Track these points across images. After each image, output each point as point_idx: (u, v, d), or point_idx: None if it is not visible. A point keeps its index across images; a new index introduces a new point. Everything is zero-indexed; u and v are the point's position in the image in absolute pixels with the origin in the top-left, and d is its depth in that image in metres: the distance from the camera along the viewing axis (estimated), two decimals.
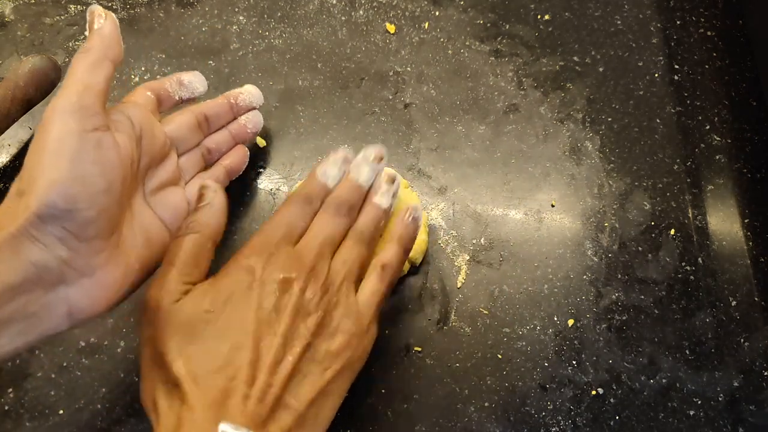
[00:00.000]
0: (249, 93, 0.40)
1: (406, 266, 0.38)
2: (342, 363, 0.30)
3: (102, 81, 0.28)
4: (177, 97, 0.36)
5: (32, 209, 0.25)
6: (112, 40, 0.30)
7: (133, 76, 0.44)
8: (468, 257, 0.40)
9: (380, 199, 0.35)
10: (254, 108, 0.40)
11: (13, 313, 0.25)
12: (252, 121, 0.40)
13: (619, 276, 0.39)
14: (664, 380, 0.37)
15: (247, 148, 0.40)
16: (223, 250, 0.39)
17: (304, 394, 0.28)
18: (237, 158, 0.40)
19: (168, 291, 0.29)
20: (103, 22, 0.30)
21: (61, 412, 0.35)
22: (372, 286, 0.33)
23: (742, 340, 0.38)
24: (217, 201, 0.32)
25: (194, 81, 0.37)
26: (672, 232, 0.41)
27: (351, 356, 0.30)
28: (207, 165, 0.38)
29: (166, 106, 0.36)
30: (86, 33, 0.30)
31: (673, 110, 0.45)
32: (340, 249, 0.33)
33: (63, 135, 0.26)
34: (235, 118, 0.40)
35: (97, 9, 0.30)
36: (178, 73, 0.37)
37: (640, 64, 0.46)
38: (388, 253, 0.34)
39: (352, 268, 0.33)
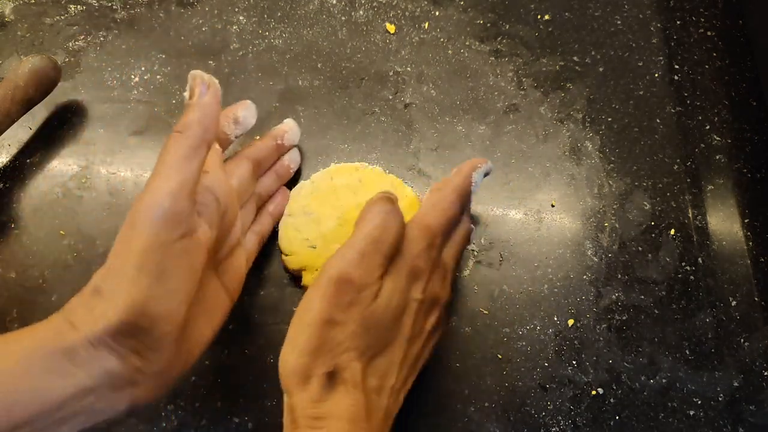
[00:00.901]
0: (292, 131, 0.39)
1: None
2: (440, 333, 0.33)
3: (197, 172, 0.26)
4: (233, 138, 0.34)
5: (111, 322, 0.24)
6: (212, 120, 0.27)
7: (133, 76, 0.44)
8: (468, 257, 0.40)
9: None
10: (295, 146, 0.40)
11: (81, 409, 0.25)
12: (294, 160, 0.40)
13: (619, 276, 0.39)
14: (664, 380, 0.37)
15: (288, 190, 0.39)
16: None
17: (416, 369, 0.31)
18: (281, 203, 0.39)
19: (369, 283, 0.28)
20: (205, 93, 0.27)
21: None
22: (455, 246, 0.33)
23: (742, 340, 0.38)
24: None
25: (248, 115, 0.35)
26: (672, 232, 0.41)
27: (429, 358, 0.33)
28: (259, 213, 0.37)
29: (224, 149, 0.34)
30: (186, 95, 0.27)
31: (673, 110, 0.45)
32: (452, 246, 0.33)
33: (150, 247, 0.25)
34: (278, 158, 0.39)
35: (200, 75, 0.27)
36: (231, 109, 0.34)
37: (640, 64, 0.46)
38: (462, 226, 0.34)
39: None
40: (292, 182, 0.42)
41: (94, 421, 0.26)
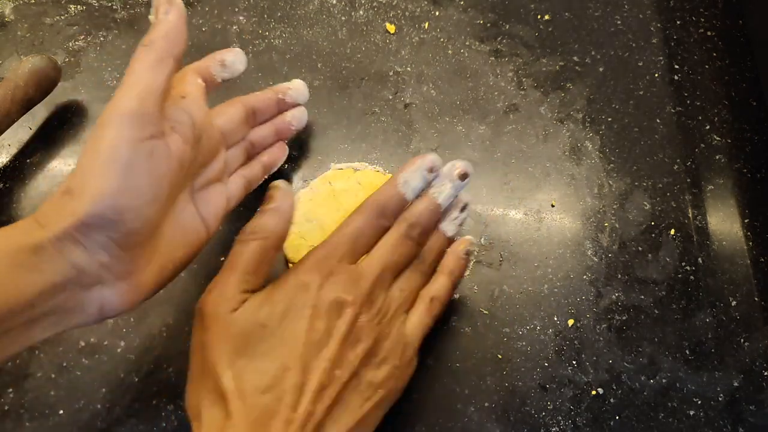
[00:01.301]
0: (297, 90, 0.39)
1: None
2: (382, 395, 0.30)
3: (164, 81, 0.27)
4: (219, 80, 0.35)
5: (79, 215, 0.25)
6: (178, 34, 0.28)
7: None
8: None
9: (448, 226, 0.34)
10: (299, 105, 0.40)
11: (52, 307, 0.25)
12: (297, 117, 0.39)
13: (619, 276, 0.39)
14: (664, 380, 0.37)
15: (286, 146, 0.40)
16: (223, 249, 0.39)
17: (343, 424, 0.28)
18: (276, 155, 0.39)
19: (226, 298, 0.29)
20: (169, 11, 0.28)
21: (61, 412, 0.35)
22: (420, 318, 0.33)
23: (742, 340, 0.38)
24: (285, 206, 0.31)
25: (236, 61, 0.35)
26: (672, 232, 0.41)
27: (392, 388, 0.30)
28: (248, 158, 0.37)
29: (209, 89, 0.34)
30: (151, 18, 0.28)
31: (673, 110, 0.45)
32: (401, 276, 0.32)
33: (118, 142, 0.25)
34: (279, 113, 0.39)
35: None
36: (219, 53, 0.35)
37: (640, 64, 0.46)
38: (438, 285, 0.34)
39: (408, 298, 0.32)
40: (273, 178, 0.42)
41: (66, 325, 0.27)
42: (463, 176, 0.33)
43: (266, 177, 0.39)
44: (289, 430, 0.27)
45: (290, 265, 0.38)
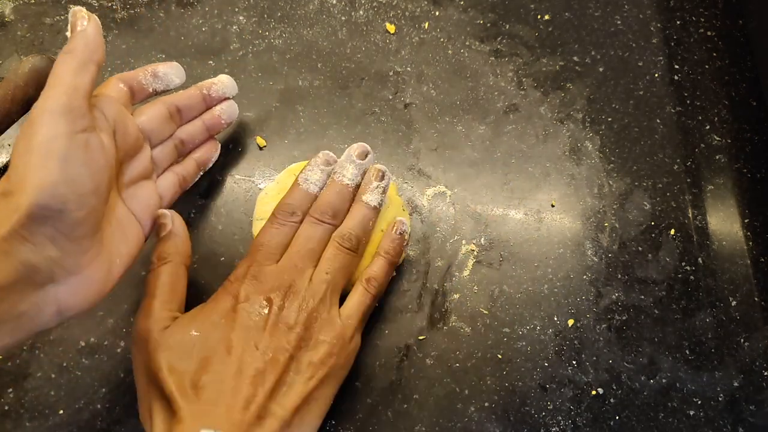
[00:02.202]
0: (222, 83, 0.39)
1: None
2: (325, 371, 0.32)
3: (88, 83, 0.28)
4: (151, 89, 0.35)
5: (23, 210, 0.25)
6: (96, 43, 0.29)
7: None
8: (468, 257, 0.40)
9: (369, 197, 0.36)
10: (228, 98, 0.40)
11: (3, 313, 0.25)
12: (226, 111, 0.39)
13: (619, 276, 0.39)
14: (664, 380, 0.37)
15: (218, 142, 0.40)
16: (225, 250, 0.39)
17: (288, 402, 0.30)
18: (207, 151, 0.39)
19: (155, 320, 0.31)
20: (86, 24, 0.29)
21: (61, 412, 0.35)
22: (357, 298, 0.35)
23: (742, 340, 0.38)
24: (178, 228, 0.34)
25: (170, 73, 0.36)
26: (672, 232, 0.41)
27: (334, 365, 0.32)
28: (180, 156, 0.38)
29: (139, 98, 0.35)
30: (68, 34, 0.29)
31: (673, 110, 0.45)
32: (323, 258, 0.34)
33: (52, 137, 0.26)
34: (208, 109, 0.39)
35: (80, 11, 0.30)
36: (154, 64, 0.36)
37: (640, 64, 0.46)
38: (374, 266, 0.36)
39: (336, 279, 0.34)
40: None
41: (27, 331, 0.27)
42: (362, 155, 0.36)
43: (201, 173, 0.39)
44: (232, 413, 0.28)
45: None
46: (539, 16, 0.48)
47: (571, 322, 0.38)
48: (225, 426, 0.28)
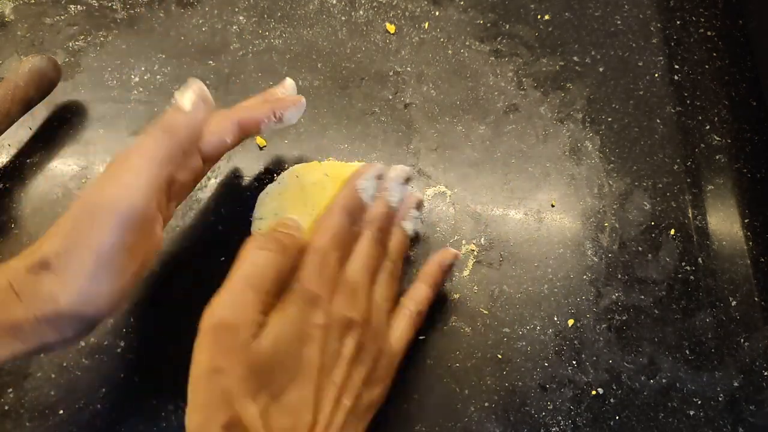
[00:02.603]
0: (285, 87, 0.38)
1: None
2: (372, 413, 0.30)
3: (169, 175, 0.27)
4: (263, 129, 0.34)
5: (61, 309, 0.25)
6: (199, 133, 0.28)
7: (133, 76, 0.44)
8: (468, 257, 0.40)
9: (408, 224, 0.36)
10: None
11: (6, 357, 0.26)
12: (291, 113, 0.36)
13: (619, 276, 0.39)
14: (664, 380, 0.37)
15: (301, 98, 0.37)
16: (225, 250, 0.39)
17: None
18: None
19: (246, 322, 0.27)
20: (202, 107, 0.27)
21: (61, 412, 0.35)
22: (404, 333, 0.32)
23: (742, 340, 0.38)
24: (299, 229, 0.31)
25: (293, 117, 0.34)
26: (672, 232, 0.41)
27: (378, 405, 0.31)
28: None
29: (247, 135, 0.34)
30: (177, 100, 0.27)
31: (673, 110, 0.45)
32: (378, 285, 0.32)
33: (114, 251, 0.25)
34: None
35: (202, 88, 0.28)
36: (284, 102, 0.34)
37: (640, 64, 0.46)
38: (422, 296, 0.34)
39: (390, 307, 0.33)
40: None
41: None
42: (408, 180, 0.36)
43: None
44: None
45: None
46: (539, 16, 0.48)
47: (571, 322, 0.38)
48: None
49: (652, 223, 0.41)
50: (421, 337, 0.37)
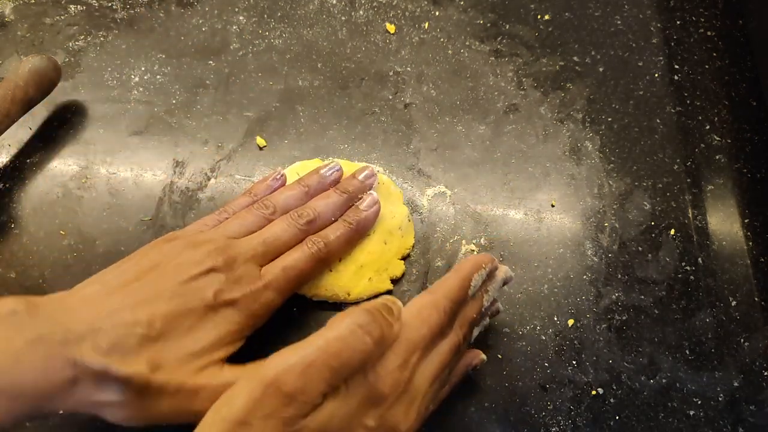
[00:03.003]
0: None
1: (387, 282, 0.38)
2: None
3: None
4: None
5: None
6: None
7: (133, 76, 0.44)
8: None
9: (477, 330, 0.34)
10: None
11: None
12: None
13: (619, 276, 0.39)
14: (664, 380, 0.37)
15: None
16: None
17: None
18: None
19: (305, 401, 0.24)
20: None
21: (61, 411, 0.35)
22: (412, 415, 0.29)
23: (742, 340, 0.38)
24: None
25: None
26: (672, 232, 0.41)
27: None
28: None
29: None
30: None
31: (673, 110, 0.45)
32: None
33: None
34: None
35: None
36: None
37: (640, 64, 0.46)
38: (444, 391, 0.32)
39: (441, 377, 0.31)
40: None
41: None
42: (507, 282, 0.34)
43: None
44: None
45: None
46: (539, 16, 0.48)
47: (571, 322, 0.38)
48: None
49: (652, 223, 0.41)
50: None
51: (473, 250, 0.40)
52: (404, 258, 0.39)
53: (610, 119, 0.44)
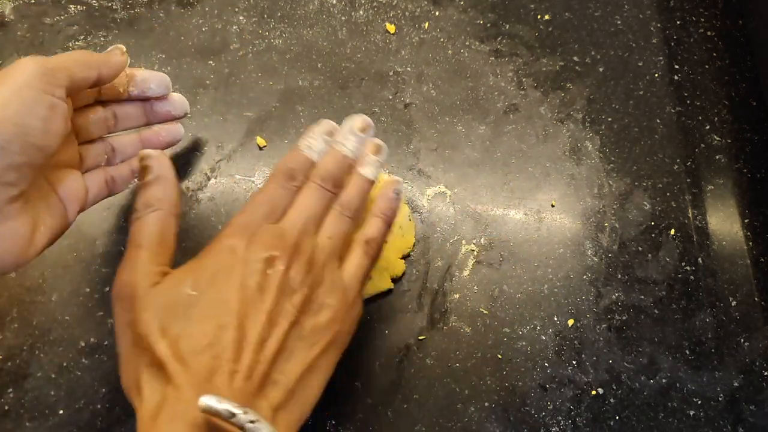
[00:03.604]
0: (172, 100, 0.38)
1: (388, 281, 0.38)
2: (329, 338, 0.30)
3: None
4: (121, 89, 0.34)
5: None
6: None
7: None
8: (468, 257, 0.40)
9: (366, 170, 0.34)
10: (175, 118, 0.38)
11: None
12: (168, 131, 0.38)
13: (619, 276, 0.39)
14: (664, 380, 0.37)
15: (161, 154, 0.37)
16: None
17: (291, 370, 0.28)
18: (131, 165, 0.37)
19: (143, 274, 0.29)
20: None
21: (61, 412, 0.35)
22: (357, 261, 0.33)
23: (742, 340, 0.38)
24: (165, 171, 0.31)
25: (150, 81, 0.36)
26: (672, 232, 0.41)
27: (338, 331, 0.30)
28: (109, 164, 0.36)
29: (107, 96, 0.35)
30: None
31: (673, 110, 0.45)
32: (325, 223, 0.33)
33: (24, 85, 0.27)
34: (147, 124, 0.37)
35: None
36: (139, 70, 0.35)
37: (640, 64, 0.46)
38: (372, 228, 0.34)
39: (337, 243, 0.32)
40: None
41: None
42: (364, 129, 0.35)
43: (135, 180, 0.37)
44: (234, 381, 0.26)
45: None
46: (539, 16, 0.48)
47: (571, 322, 0.38)
48: (226, 394, 0.26)
49: (652, 223, 0.41)
50: (421, 338, 0.37)
51: (473, 250, 0.40)
52: (404, 257, 0.39)
53: (610, 119, 0.44)
